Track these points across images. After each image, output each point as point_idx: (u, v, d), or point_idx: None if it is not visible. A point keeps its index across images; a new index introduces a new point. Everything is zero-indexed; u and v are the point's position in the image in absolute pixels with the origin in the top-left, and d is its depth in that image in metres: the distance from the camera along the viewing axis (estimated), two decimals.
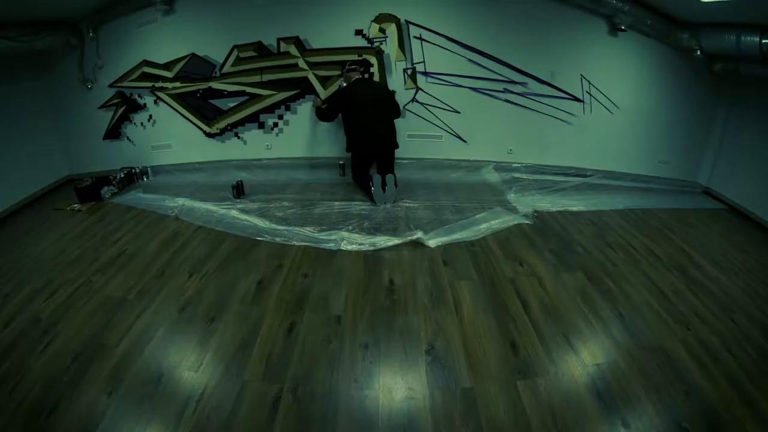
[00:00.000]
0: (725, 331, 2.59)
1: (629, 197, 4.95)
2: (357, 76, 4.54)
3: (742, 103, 5.23)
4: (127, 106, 5.44)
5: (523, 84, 5.08)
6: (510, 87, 5.08)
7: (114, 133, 5.60)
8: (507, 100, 5.14)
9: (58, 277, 3.12)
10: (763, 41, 3.96)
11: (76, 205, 4.66)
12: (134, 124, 5.50)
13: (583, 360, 2.21)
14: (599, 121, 5.30)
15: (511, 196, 4.50)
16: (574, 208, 4.38)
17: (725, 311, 2.82)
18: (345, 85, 4.62)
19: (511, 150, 5.39)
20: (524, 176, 5.21)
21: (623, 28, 4.71)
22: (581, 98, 5.19)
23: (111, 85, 5.37)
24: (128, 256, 3.37)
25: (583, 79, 5.11)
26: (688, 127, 5.52)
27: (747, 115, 5.16)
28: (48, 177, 5.52)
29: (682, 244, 3.87)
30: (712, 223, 4.57)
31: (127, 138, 5.59)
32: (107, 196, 4.86)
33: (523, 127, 5.28)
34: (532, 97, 5.14)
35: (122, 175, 5.21)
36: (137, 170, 5.42)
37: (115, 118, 5.52)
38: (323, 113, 4.60)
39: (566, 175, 5.35)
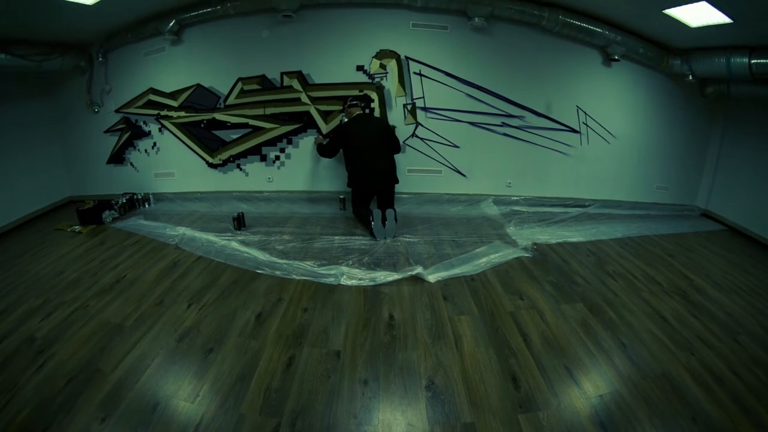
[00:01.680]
0: (730, 353, 2.58)
1: (628, 225, 5.00)
2: (358, 112, 4.62)
3: (735, 123, 5.37)
4: (132, 132, 5.56)
5: (520, 117, 5.18)
6: (508, 121, 5.18)
7: (118, 158, 5.71)
8: (505, 134, 5.23)
9: (56, 298, 3.14)
10: (752, 61, 4.12)
11: (76, 227, 4.71)
12: (138, 150, 5.62)
13: (586, 391, 2.18)
14: (596, 151, 5.38)
15: (510, 230, 4.52)
16: (574, 239, 4.40)
17: (729, 333, 2.82)
18: (346, 120, 4.70)
19: (510, 183, 5.45)
20: (523, 209, 5.26)
21: (616, 58, 4.84)
22: (578, 129, 5.29)
23: (117, 111, 5.51)
24: (127, 282, 3.38)
25: (579, 110, 5.22)
26: (684, 151, 5.63)
27: (741, 134, 5.29)
28: (50, 196, 5.61)
29: (683, 268, 3.89)
30: (711, 245, 4.61)
31: (131, 164, 5.70)
32: (108, 220, 4.92)
33: (521, 160, 5.35)
34: (530, 130, 5.23)
35: (124, 201, 5.28)
36: (139, 196, 5.49)
37: (120, 143, 5.64)
38: (324, 149, 4.66)
39: (565, 206, 5.41)
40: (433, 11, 4.77)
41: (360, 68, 5.02)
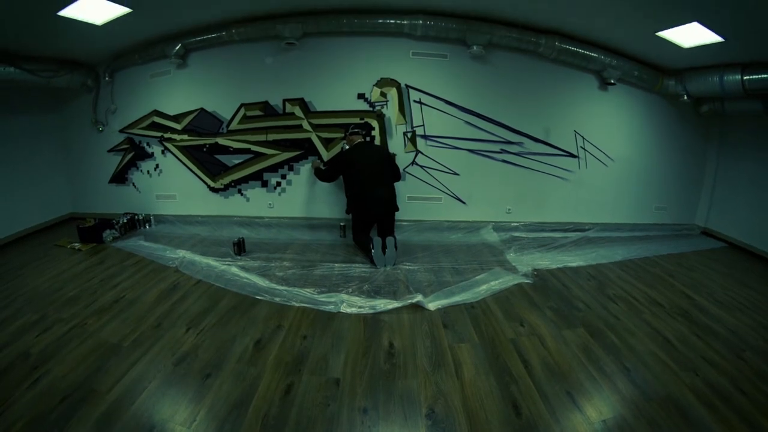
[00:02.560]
0: (734, 370, 2.57)
1: (628, 247, 5.01)
2: (359, 140, 4.66)
3: (731, 140, 5.47)
4: (135, 153, 5.63)
5: (519, 144, 5.25)
6: (507, 147, 5.24)
7: (120, 177, 5.78)
8: (504, 161, 5.29)
9: (53, 314, 3.13)
10: (745, 78, 4.23)
11: (76, 244, 4.73)
12: (141, 171, 5.68)
13: (589, 417, 2.15)
14: (595, 175, 5.44)
15: (510, 256, 4.52)
16: (574, 264, 4.40)
17: (733, 350, 2.81)
18: (348, 147, 4.75)
19: (509, 209, 5.48)
20: (523, 235, 5.28)
21: (612, 81, 4.96)
22: (576, 154, 5.36)
23: (121, 131, 5.60)
24: (126, 303, 3.38)
25: (577, 135, 5.30)
26: (681, 170, 5.70)
27: (737, 151, 5.39)
28: (51, 212, 5.68)
29: (684, 288, 3.90)
30: (712, 262, 4.62)
31: (133, 184, 5.76)
32: (108, 239, 4.94)
33: (520, 186, 5.40)
34: (529, 156, 5.29)
35: (125, 221, 5.31)
36: (140, 217, 5.53)
37: (123, 163, 5.72)
38: (323, 174, 4.70)
39: (565, 230, 5.43)
40: (433, 40, 4.87)
41: (361, 96, 5.10)
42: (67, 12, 3.83)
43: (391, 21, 4.65)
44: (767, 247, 4.85)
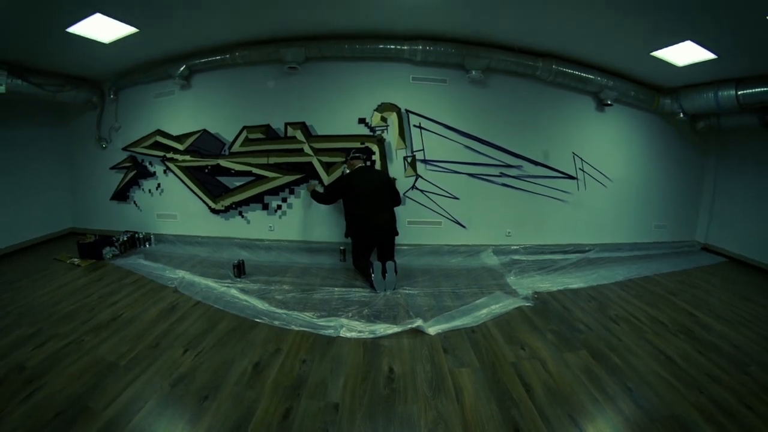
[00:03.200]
0: (740, 386, 2.56)
1: (629, 267, 5.01)
2: (360, 164, 4.67)
3: (727, 154, 5.57)
4: (137, 171, 5.69)
5: (518, 167, 5.28)
6: (506, 171, 5.27)
7: (122, 195, 5.83)
8: (504, 184, 5.31)
9: (50, 329, 3.13)
10: (739, 93, 4.34)
11: (75, 260, 4.74)
12: (142, 189, 5.73)
13: None
14: (594, 196, 5.48)
15: (510, 279, 4.50)
16: (575, 286, 4.38)
17: (737, 366, 2.80)
18: (348, 171, 4.76)
19: (509, 233, 5.48)
20: (523, 258, 5.26)
21: (609, 102, 5.03)
22: (575, 175, 5.39)
23: (124, 148, 5.68)
24: (124, 321, 3.37)
25: (576, 157, 5.35)
26: (680, 187, 5.76)
27: (734, 165, 5.49)
28: (52, 225, 5.74)
29: (686, 305, 3.90)
30: (713, 278, 4.63)
31: (134, 202, 5.81)
32: (108, 256, 4.94)
33: (520, 209, 5.41)
34: (528, 179, 5.32)
35: (125, 238, 5.32)
36: (140, 236, 5.54)
37: (125, 180, 5.78)
38: (320, 197, 4.70)
39: (565, 252, 5.42)
40: (432, 65, 4.95)
41: (362, 121, 5.15)
42: (76, 29, 3.94)
43: (392, 46, 4.73)
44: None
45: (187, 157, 5.51)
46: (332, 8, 4.06)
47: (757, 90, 4.27)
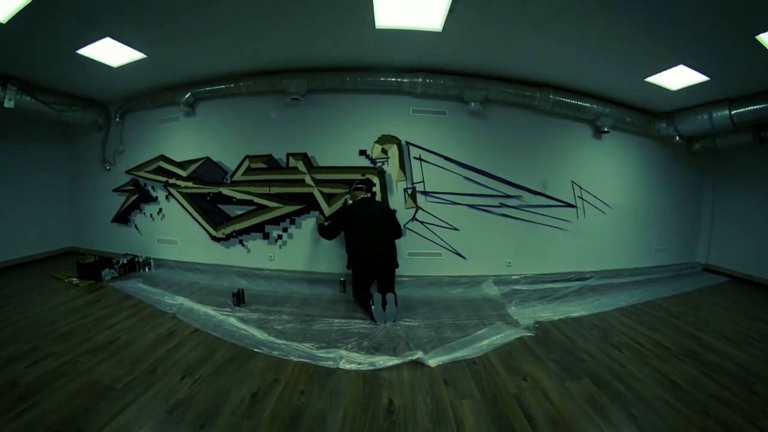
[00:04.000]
0: (747, 406, 2.54)
1: (631, 293, 5.01)
2: (363, 195, 4.69)
3: (724, 173, 5.69)
4: (139, 195, 5.74)
5: (517, 197, 5.31)
6: (505, 201, 5.30)
7: (123, 218, 5.87)
8: (503, 214, 5.33)
9: (45, 347, 3.11)
10: (733, 112, 4.46)
11: (74, 279, 4.75)
12: (144, 213, 5.77)
13: None
14: (593, 223, 5.50)
15: (511, 309, 4.47)
16: (576, 314, 4.37)
17: (744, 386, 2.78)
18: (351, 202, 4.78)
19: (509, 263, 5.46)
20: (524, 287, 5.24)
21: (606, 129, 5.13)
22: (574, 204, 5.43)
23: (128, 172, 5.75)
24: (121, 345, 3.35)
25: (574, 185, 5.40)
26: (679, 210, 5.83)
27: (732, 184, 5.59)
28: (52, 243, 5.81)
29: (690, 328, 3.89)
30: (716, 298, 4.63)
31: (135, 226, 5.83)
32: (107, 278, 4.95)
33: (520, 239, 5.41)
34: (527, 209, 5.34)
35: (125, 261, 5.33)
36: (140, 259, 5.55)
37: (127, 204, 5.83)
38: (326, 230, 4.71)
39: (566, 281, 5.42)
40: (432, 97, 5.04)
41: (362, 153, 5.21)
42: (86, 51, 4.08)
43: (392, 79, 4.84)
44: None
45: (190, 184, 5.56)
46: (335, 46, 4.25)
47: (750, 108, 4.38)
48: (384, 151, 5.22)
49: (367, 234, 4.39)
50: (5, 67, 4.50)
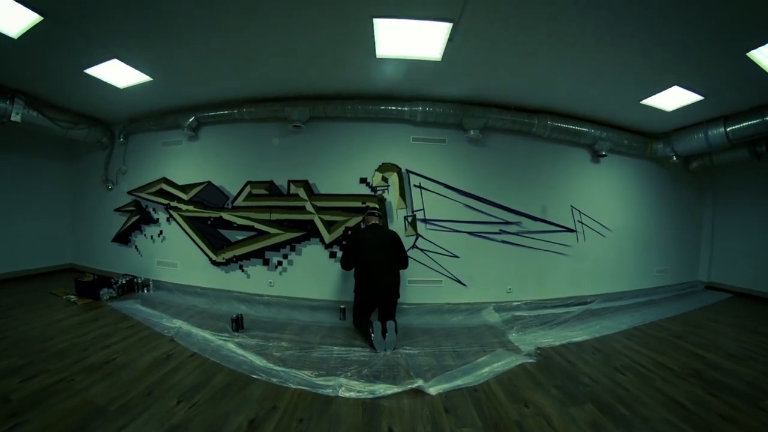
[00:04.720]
0: (755, 422, 2.52)
1: (633, 315, 5.00)
2: (374, 221, 4.67)
3: (723, 191, 5.77)
4: (140, 216, 5.77)
5: (517, 223, 5.33)
6: (505, 228, 5.31)
7: (123, 238, 5.88)
8: (503, 241, 5.34)
9: (40, 363, 3.08)
10: (728, 129, 4.54)
11: (72, 297, 4.74)
12: (144, 235, 5.78)
13: None
14: (593, 247, 5.52)
15: (512, 336, 4.44)
16: (578, 339, 4.33)
17: (751, 402, 2.76)
18: (363, 226, 4.78)
19: (510, 289, 5.44)
20: (525, 313, 5.22)
21: (604, 153, 5.20)
22: (573, 228, 5.46)
23: (130, 192, 5.79)
24: (117, 366, 3.32)
25: (574, 210, 5.43)
26: (679, 229, 5.86)
27: (730, 200, 5.67)
28: (51, 259, 5.83)
29: (693, 347, 3.86)
30: (719, 316, 4.62)
31: (135, 247, 5.84)
32: (105, 297, 4.94)
33: (520, 265, 5.40)
34: (527, 235, 5.36)
35: (124, 281, 5.32)
36: (139, 281, 5.54)
37: (128, 224, 5.85)
38: (343, 261, 4.62)
39: (567, 305, 5.39)
40: (432, 125, 5.12)
41: (363, 180, 5.25)
42: (93, 71, 4.18)
43: (393, 108, 4.92)
44: None
45: (191, 207, 5.60)
46: (337, 75, 4.36)
47: (744, 124, 4.46)
48: (384, 179, 5.26)
49: (372, 262, 4.38)
50: (14, 81, 4.60)
